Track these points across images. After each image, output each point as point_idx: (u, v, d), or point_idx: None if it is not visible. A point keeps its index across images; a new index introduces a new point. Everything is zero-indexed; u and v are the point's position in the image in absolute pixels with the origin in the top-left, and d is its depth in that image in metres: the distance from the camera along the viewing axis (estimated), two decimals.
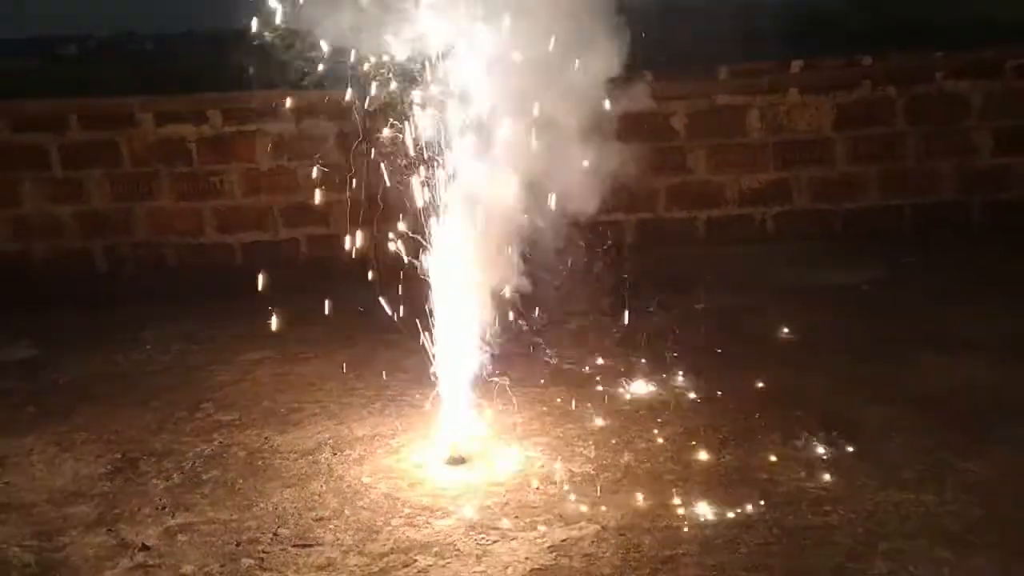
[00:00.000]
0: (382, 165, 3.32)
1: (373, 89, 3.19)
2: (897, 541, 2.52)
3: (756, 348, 4.03)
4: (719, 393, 3.55)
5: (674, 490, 2.85)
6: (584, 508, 2.77)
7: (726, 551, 2.51)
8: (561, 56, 3.15)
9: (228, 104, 5.58)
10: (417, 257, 3.33)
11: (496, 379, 3.49)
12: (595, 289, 4.87)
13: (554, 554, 2.55)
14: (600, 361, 3.95)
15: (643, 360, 3.88)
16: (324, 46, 3.07)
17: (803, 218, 5.72)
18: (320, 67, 3.14)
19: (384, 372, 3.89)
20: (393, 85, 3.17)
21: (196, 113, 5.57)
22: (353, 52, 3.09)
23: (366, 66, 3.14)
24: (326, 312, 3.62)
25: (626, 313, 4.35)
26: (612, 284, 4.56)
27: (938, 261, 5.12)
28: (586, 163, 3.49)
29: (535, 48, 3.10)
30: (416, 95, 3.18)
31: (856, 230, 5.68)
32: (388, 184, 3.29)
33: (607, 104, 3.40)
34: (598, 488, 2.89)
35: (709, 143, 5.65)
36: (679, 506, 2.76)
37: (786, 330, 4.22)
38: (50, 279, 5.58)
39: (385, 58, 3.12)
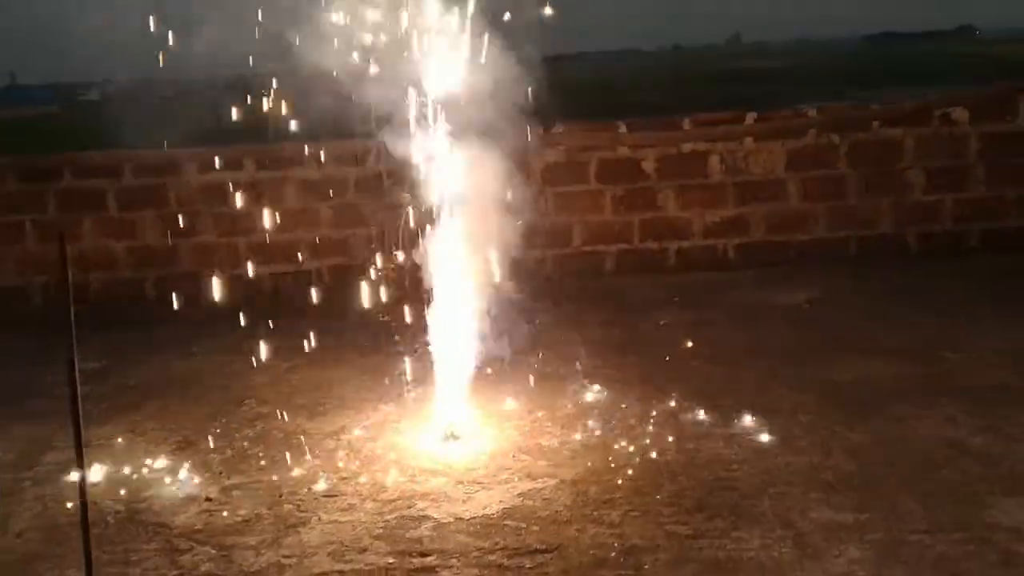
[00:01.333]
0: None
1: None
2: (782, 488, 3.31)
3: (702, 353, 4.83)
4: (664, 389, 4.35)
5: (618, 457, 3.64)
6: (548, 469, 3.57)
7: (651, 493, 3.31)
8: None
9: (261, 154, 6.48)
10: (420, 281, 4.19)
11: (488, 373, 4.32)
12: (573, 308, 5.71)
13: (521, 498, 3.35)
14: (576, 366, 4.75)
15: (605, 364, 4.70)
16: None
17: (760, 248, 6.54)
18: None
19: (393, 376, 4.71)
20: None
21: (233, 161, 6.46)
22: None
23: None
24: (344, 329, 4.46)
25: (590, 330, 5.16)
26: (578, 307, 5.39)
27: (872, 284, 5.93)
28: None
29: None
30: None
31: (806, 259, 6.49)
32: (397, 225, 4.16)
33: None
34: (560, 456, 3.69)
35: (676, 184, 6.49)
36: (621, 467, 3.55)
37: (731, 339, 5.02)
38: (107, 304, 6.46)
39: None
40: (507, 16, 3.85)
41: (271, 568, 2.99)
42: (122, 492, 3.60)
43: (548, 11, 3.81)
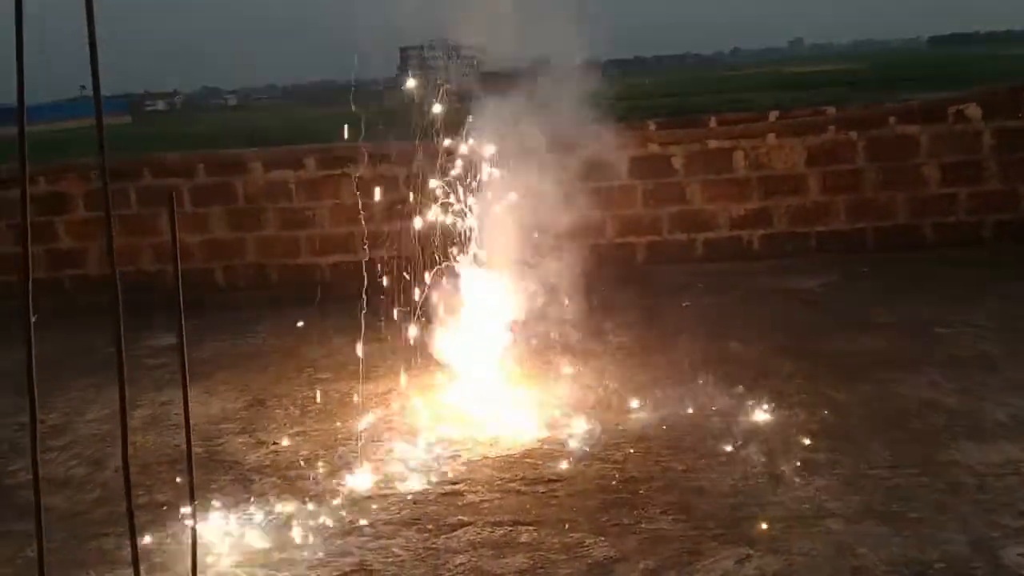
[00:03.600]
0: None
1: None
2: (769, 435, 3.78)
3: (719, 330, 5.29)
4: (681, 355, 4.83)
5: (628, 411, 4.15)
6: (564, 420, 4.09)
7: (654, 439, 3.80)
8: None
9: (320, 154, 7.10)
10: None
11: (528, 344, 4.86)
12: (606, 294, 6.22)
13: (540, 443, 3.87)
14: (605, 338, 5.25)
15: (629, 338, 5.20)
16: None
17: (782, 239, 6.97)
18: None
19: (435, 350, 5.27)
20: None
21: (295, 160, 7.10)
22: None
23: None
24: (394, 311, 5.01)
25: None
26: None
27: (883, 271, 6.33)
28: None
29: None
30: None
31: (826, 249, 6.90)
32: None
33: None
34: (578, 409, 4.20)
35: (703, 178, 6.95)
36: (631, 418, 4.05)
37: (745, 318, 5.48)
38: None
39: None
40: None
41: (327, 493, 3.55)
42: (201, 442, 4.21)
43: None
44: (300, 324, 6.13)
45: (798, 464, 3.48)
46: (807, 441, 3.69)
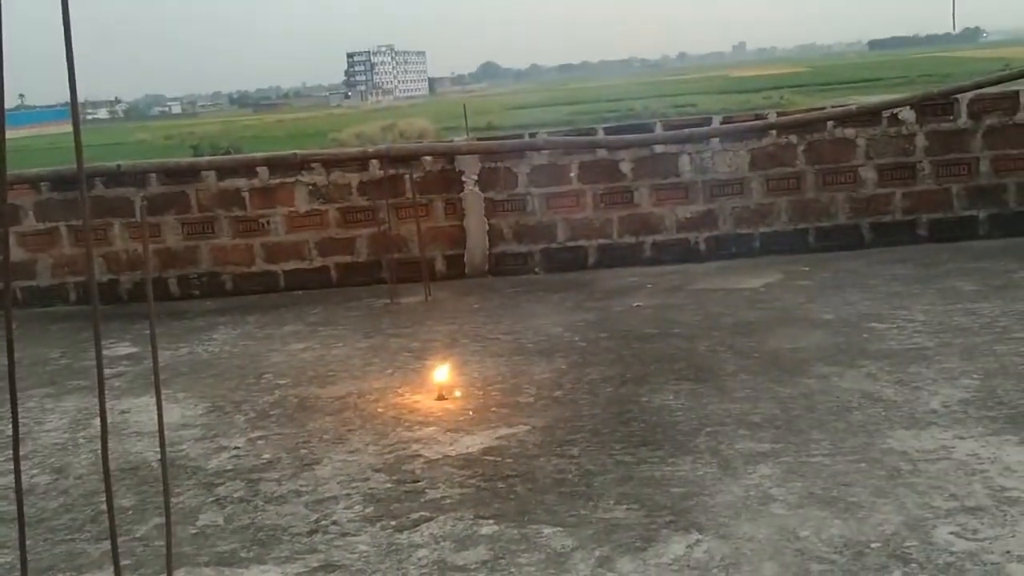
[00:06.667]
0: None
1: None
2: (716, 427, 3.95)
3: (665, 328, 5.47)
4: (632, 355, 5.00)
5: (581, 409, 4.29)
6: (523, 419, 4.22)
7: (607, 434, 3.95)
8: None
9: (273, 161, 7.16)
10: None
11: (477, 347, 4.97)
12: (558, 300, 6.36)
13: (499, 441, 4.00)
14: (548, 335, 5.40)
15: (581, 333, 5.35)
16: None
17: (728, 240, 7.18)
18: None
19: (393, 353, 5.37)
20: None
21: (249, 169, 7.15)
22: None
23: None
24: (350, 316, 5.12)
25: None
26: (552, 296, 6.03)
27: (825, 270, 6.56)
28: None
29: None
30: None
31: (770, 249, 7.13)
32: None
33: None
34: (533, 409, 4.34)
35: (651, 183, 7.14)
36: (584, 416, 4.20)
37: (690, 317, 5.67)
38: (135, 301, 7.16)
39: None
40: None
41: (291, 494, 3.64)
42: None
43: None
44: (257, 331, 6.20)
45: (744, 454, 3.65)
46: (752, 432, 3.86)
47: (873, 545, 2.90)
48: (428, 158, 7.06)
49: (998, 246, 6.80)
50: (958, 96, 6.97)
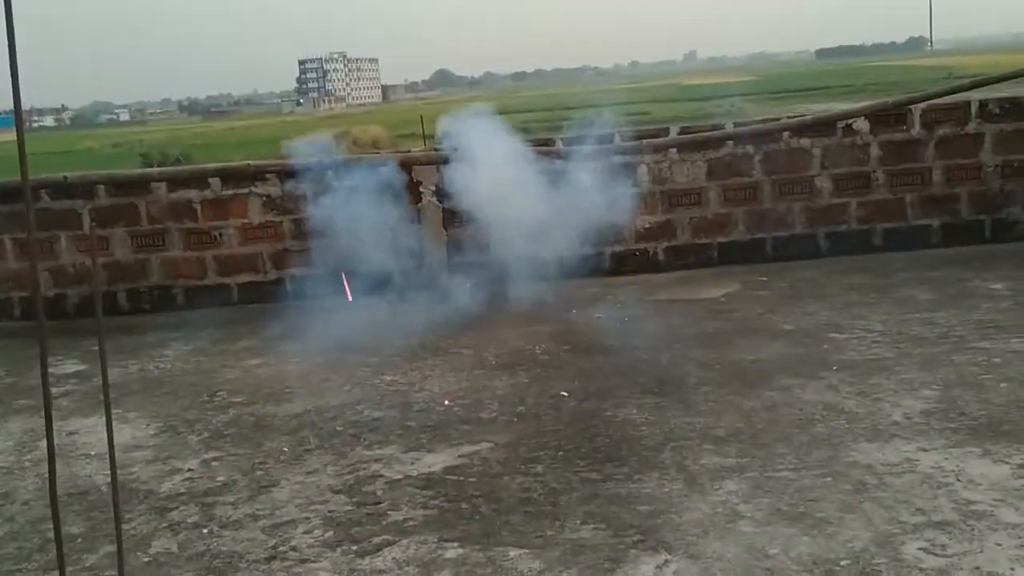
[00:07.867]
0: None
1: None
2: (681, 442, 3.91)
3: (626, 340, 5.44)
4: (594, 368, 4.95)
5: (545, 425, 4.23)
6: (486, 436, 4.15)
7: (572, 451, 3.89)
8: None
9: (226, 172, 7.01)
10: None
11: (438, 363, 4.88)
12: (512, 313, 6.31)
13: (461, 459, 3.92)
14: (510, 348, 5.34)
15: (543, 346, 5.30)
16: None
17: (686, 250, 7.18)
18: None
19: (352, 369, 5.27)
20: None
21: (200, 180, 6.99)
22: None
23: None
24: (305, 332, 5.01)
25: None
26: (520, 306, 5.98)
27: (783, 280, 6.58)
28: None
29: None
30: None
31: (728, 258, 7.14)
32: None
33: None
34: (496, 425, 4.27)
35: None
36: (548, 433, 4.14)
37: (652, 328, 5.64)
38: (83, 317, 6.96)
39: None
40: None
41: (247, 518, 3.53)
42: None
43: None
44: (210, 346, 6.05)
45: (710, 469, 3.61)
46: (717, 447, 3.84)
47: (843, 563, 2.87)
48: None
49: (951, 255, 6.88)
50: (911, 107, 7.04)
